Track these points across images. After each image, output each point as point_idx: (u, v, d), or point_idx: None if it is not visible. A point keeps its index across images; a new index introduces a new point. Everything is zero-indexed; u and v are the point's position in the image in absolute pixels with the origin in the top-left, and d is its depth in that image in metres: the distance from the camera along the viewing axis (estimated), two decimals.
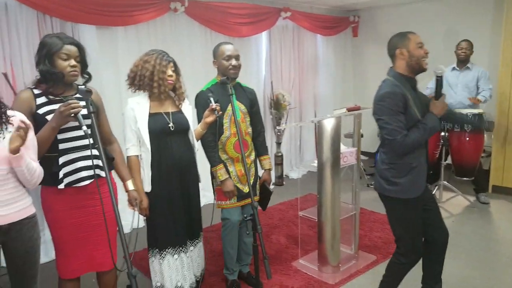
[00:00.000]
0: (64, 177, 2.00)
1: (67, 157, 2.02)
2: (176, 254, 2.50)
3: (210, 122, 2.46)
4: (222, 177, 2.66)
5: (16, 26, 3.37)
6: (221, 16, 4.70)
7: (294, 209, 4.54)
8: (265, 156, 2.96)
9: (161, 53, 2.37)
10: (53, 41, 1.98)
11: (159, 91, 2.34)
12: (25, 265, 1.85)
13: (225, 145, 2.72)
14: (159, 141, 2.38)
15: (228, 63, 2.67)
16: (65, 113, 1.83)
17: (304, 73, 6.09)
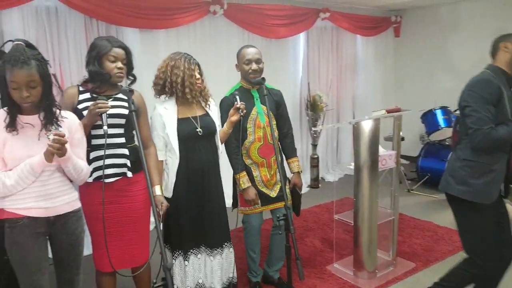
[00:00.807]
0: (93, 171, 2.09)
1: (98, 153, 2.10)
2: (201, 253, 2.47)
3: (235, 121, 2.42)
4: (244, 185, 2.63)
5: (65, 29, 3.55)
6: (258, 18, 4.72)
7: (329, 212, 4.48)
8: (293, 159, 2.89)
9: (187, 56, 2.34)
10: (103, 43, 2.09)
11: (191, 95, 2.33)
12: (69, 256, 1.94)
13: (249, 150, 2.70)
14: (187, 146, 2.36)
15: (248, 67, 2.64)
16: (92, 111, 1.94)
17: (342, 74, 6.01)
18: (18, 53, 1.68)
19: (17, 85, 1.67)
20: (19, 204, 1.78)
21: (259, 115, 2.68)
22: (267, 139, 2.69)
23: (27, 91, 1.69)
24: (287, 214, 2.07)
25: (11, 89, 1.69)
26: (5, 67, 1.68)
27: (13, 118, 1.74)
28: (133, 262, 2.28)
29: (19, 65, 1.66)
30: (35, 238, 1.82)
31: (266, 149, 2.70)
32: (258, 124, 2.68)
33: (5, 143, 1.73)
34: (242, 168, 2.66)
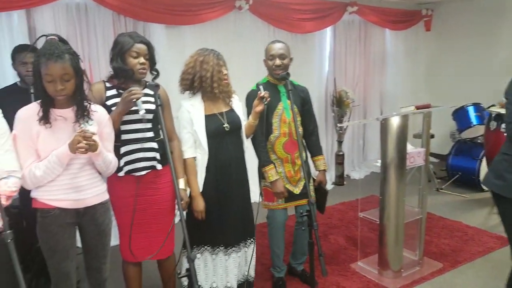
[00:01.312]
0: (124, 165, 2.13)
1: (128, 148, 2.14)
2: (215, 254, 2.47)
3: (260, 110, 2.39)
4: (273, 178, 2.62)
5: (94, 25, 3.63)
6: (284, 13, 4.68)
7: (354, 210, 4.41)
8: (319, 156, 2.87)
9: (215, 52, 2.35)
10: (125, 39, 2.11)
11: (219, 91, 2.32)
12: (97, 246, 2.01)
13: (274, 145, 2.69)
14: (215, 142, 2.37)
15: (271, 63, 2.63)
16: (127, 99, 1.97)
17: (370, 70, 5.89)
18: (52, 47, 1.73)
19: (51, 78, 1.72)
20: (50, 196, 1.84)
21: (285, 110, 2.67)
22: (292, 135, 2.68)
23: (61, 84, 1.74)
24: (311, 210, 2.05)
25: (45, 82, 1.73)
26: (40, 61, 1.72)
27: (46, 111, 1.79)
28: (159, 253, 2.31)
29: (53, 59, 1.70)
30: (65, 228, 1.88)
31: (291, 145, 2.69)
32: (283, 119, 2.67)
33: (38, 135, 1.78)
34: (269, 161, 2.66)
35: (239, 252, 2.50)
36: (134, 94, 1.97)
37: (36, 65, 1.74)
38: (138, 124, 2.14)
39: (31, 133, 1.78)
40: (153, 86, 1.87)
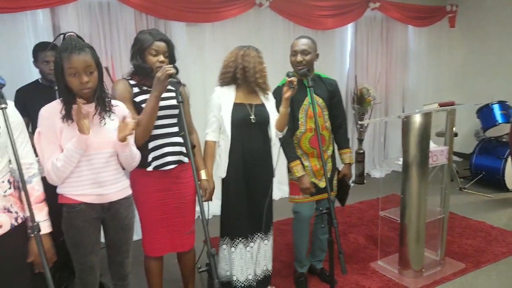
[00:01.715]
0: (152, 161, 2.16)
1: (156, 143, 2.17)
2: (247, 244, 2.52)
3: (289, 96, 2.37)
4: (299, 173, 2.63)
5: (117, 23, 3.69)
6: (305, 9, 4.66)
7: (374, 209, 4.36)
8: (345, 150, 2.86)
9: (254, 47, 2.43)
10: (145, 37, 2.13)
11: (262, 81, 2.41)
12: (120, 240, 2.03)
13: (300, 140, 2.69)
14: (240, 131, 2.42)
15: (293, 58, 2.63)
16: (162, 77, 1.95)
17: (392, 67, 5.80)
18: (73, 42, 1.76)
19: (75, 70, 1.74)
20: (76, 191, 1.87)
21: (311, 105, 2.65)
22: (319, 130, 2.66)
23: (86, 76, 1.76)
24: (330, 208, 2.04)
25: (69, 76, 1.75)
26: (62, 56, 1.74)
27: (68, 108, 1.81)
28: (180, 247, 2.35)
29: (76, 52, 1.73)
30: (90, 222, 1.91)
31: (317, 140, 2.67)
32: (309, 115, 2.66)
33: (61, 132, 1.81)
34: (295, 156, 2.66)
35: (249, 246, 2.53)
36: (168, 71, 1.96)
37: (58, 61, 1.76)
38: (165, 120, 2.17)
39: (55, 129, 1.80)
40: (175, 83, 1.88)
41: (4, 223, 1.65)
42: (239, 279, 2.53)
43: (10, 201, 1.69)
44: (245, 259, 2.53)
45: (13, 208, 1.70)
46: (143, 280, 2.44)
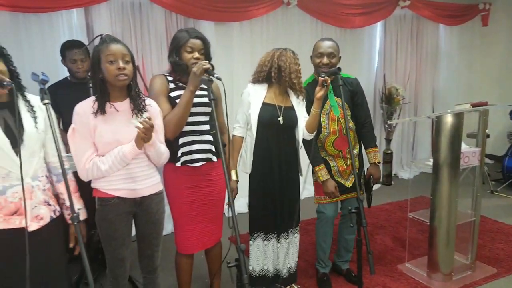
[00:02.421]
0: (181, 156, 2.19)
1: (186, 139, 2.20)
2: (267, 240, 2.54)
3: (321, 96, 2.37)
4: (323, 178, 2.61)
5: (147, 23, 3.76)
6: (333, 8, 4.62)
7: (402, 210, 4.29)
8: (370, 149, 2.79)
9: (291, 50, 2.45)
10: (181, 35, 2.18)
11: (297, 82, 2.42)
12: (151, 235, 2.08)
13: (324, 143, 2.68)
14: (266, 131, 2.44)
15: (318, 60, 2.59)
16: (198, 72, 1.99)
17: (422, 66, 5.68)
18: (110, 37, 1.85)
19: (113, 57, 1.80)
20: (110, 185, 1.93)
21: (333, 108, 2.64)
22: (342, 132, 2.65)
23: (123, 63, 1.81)
24: (359, 207, 2.02)
25: (106, 64, 1.80)
26: (100, 47, 1.82)
27: (102, 104, 1.86)
28: (209, 243, 2.39)
29: (114, 42, 1.82)
30: (122, 216, 1.97)
31: (342, 142, 2.66)
32: (332, 117, 2.64)
33: (95, 128, 1.86)
34: (320, 160, 2.65)
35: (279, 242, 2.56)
36: (204, 66, 1.99)
37: (95, 54, 1.83)
38: (196, 117, 2.20)
39: (89, 126, 1.85)
40: (206, 81, 1.91)
41: (44, 216, 1.73)
42: (269, 269, 2.57)
43: (48, 195, 1.77)
44: (275, 253, 2.56)
45: (51, 202, 1.78)
46: (169, 274, 2.49)
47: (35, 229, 1.70)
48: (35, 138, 1.68)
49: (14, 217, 1.65)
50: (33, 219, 1.70)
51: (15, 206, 1.65)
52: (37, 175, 1.73)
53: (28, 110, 1.71)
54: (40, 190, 1.72)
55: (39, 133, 1.71)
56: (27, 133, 1.66)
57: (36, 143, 1.69)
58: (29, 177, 1.69)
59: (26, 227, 1.64)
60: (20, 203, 1.65)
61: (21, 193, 1.64)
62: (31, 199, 1.69)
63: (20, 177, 1.61)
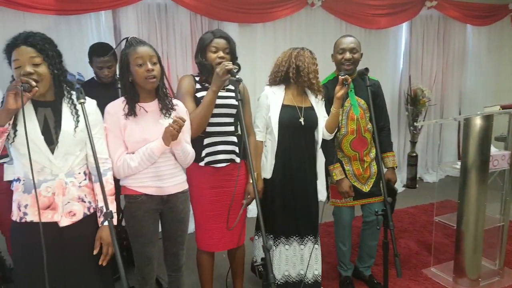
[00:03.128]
0: (205, 156, 2.22)
1: (211, 140, 2.22)
2: (288, 244, 2.51)
3: (341, 95, 2.35)
4: (337, 177, 2.58)
5: (173, 24, 3.82)
6: (358, 8, 4.59)
7: (427, 214, 4.21)
8: (388, 153, 2.76)
9: (309, 50, 2.43)
10: (206, 36, 2.21)
11: (315, 82, 2.39)
12: (176, 233, 2.11)
13: (341, 143, 2.65)
14: (287, 133, 2.41)
15: (340, 56, 2.56)
16: (221, 72, 1.99)
17: (448, 67, 5.57)
18: (136, 40, 1.89)
19: (141, 60, 1.84)
20: (138, 183, 1.97)
21: (353, 107, 2.61)
22: (360, 132, 2.62)
23: (151, 65, 1.86)
24: (387, 210, 2.00)
25: (135, 67, 1.85)
26: (127, 51, 1.86)
27: (132, 106, 1.91)
28: (232, 244, 2.39)
29: (141, 44, 1.87)
30: (149, 213, 2.00)
31: (359, 143, 2.63)
32: (351, 117, 2.61)
33: (125, 128, 1.92)
34: (336, 159, 2.62)
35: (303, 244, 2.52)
36: (227, 66, 1.99)
37: (123, 58, 1.87)
38: (222, 118, 2.22)
39: (119, 126, 1.91)
40: (234, 81, 1.92)
41: (77, 212, 1.77)
42: (276, 277, 2.50)
43: (85, 192, 1.80)
44: (283, 258, 2.53)
45: (87, 198, 1.81)
46: (192, 272, 2.51)
47: (67, 225, 1.73)
48: (70, 138, 1.72)
49: (47, 211, 1.70)
50: (65, 215, 1.73)
51: (48, 200, 1.70)
52: (73, 172, 1.76)
53: (70, 110, 1.75)
54: (74, 186, 1.76)
55: (77, 134, 1.74)
56: (63, 133, 1.70)
57: (72, 143, 1.73)
58: (63, 173, 1.73)
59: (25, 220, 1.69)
60: (53, 198, 1.71)
61: (54, 188, 1.70)
62: (64, 195, 1.73)
63: (53, 173, 1.68)
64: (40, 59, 1.63)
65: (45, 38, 1.68)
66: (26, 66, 1.60)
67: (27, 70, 1.59)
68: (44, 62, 1.64)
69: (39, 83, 1.61)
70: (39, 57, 1.62)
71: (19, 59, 1.61)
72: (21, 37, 1.62)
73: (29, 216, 1.69)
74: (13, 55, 1.62)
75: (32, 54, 1.61)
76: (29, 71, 1.60)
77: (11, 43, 1.62)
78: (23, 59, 1.60)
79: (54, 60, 1.67)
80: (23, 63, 1.61)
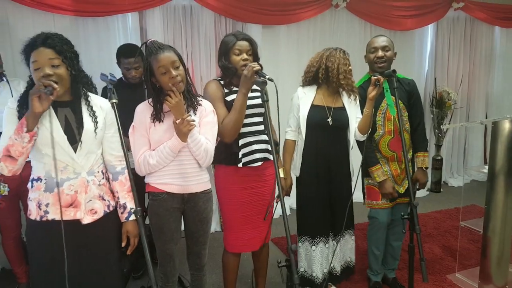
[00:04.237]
0: (242, 157, 2.23)
1: (245, 140, 2.24)
2: (315, 245, 2.53)
3: (373, 96, 2.34)
4: (380, 178, 2.56)
5: (198, 26, 3.85)
6: (383, 10, 4.54)
7: (452, 219, 4.12)
8: (420, 153, 2.72)
9: (342, 49, 2.44)
10: (228, 38, 2.23)
11: (346, 83, 2.39)
12: (198, 232, 2.14)
13: (378, 144, 2.63)
14: (315, 133, 2.44)
15: (373, 55, 2.55)
16: (249, 74, 2.01)
17: (475, 70, 5.44)
18: (155, 45, 1.92)
19: (164, 68, 1.87)
20: (161, 180, 2.01)
21: (389, 107, 2.58)
22: (397, 132, 2.58)
23: (175, 71, 1.89)
24: (413, 213, 1.98)
25: (160, 76, 1.89)
26: (150, 59, 1.90)
27: (158, 113, 1.95)
28: (259, 244, 2.40)
29: (160, 51, 1.88)
30: (172, 211, 2.04)
31: (397, 143, 2.60)
32: (388, 117, 2.59)
33: (150, 128, 1.97)
34: (376, 160, 2.60)
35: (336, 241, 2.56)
36: (254, 68, 2.01)
37: (146, 67, 1.91)
38: (254, 118, 2.24)
39: (146, 125, 1.97)
40: (260, 83, 1.93)
41: (98, 210, 1.81)
42: (318, 276, 2.56)
43: (103, 190, 1.84)
44: (324, 256, 2.56)
45: (106, 197, 1.85)
46: (213, 272, 2.53)
47: (89, 222, 1.77)
48: (92, 137, 1.76)
49: (69, 209, 1.73)
50: (87, 213, 1.77)
51: (71, 198, 1.73)
52: (93, 171, 1.80)
53: (88, 110, 1.78)
54: (95, 184, 1.80)
55: (96, 132, 1.78)
56: (86, 132, 1.74)
57: (93, 142, 1.77)
58: (85, 172, 1.76)
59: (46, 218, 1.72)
60: (76, 196, 1.73)
61: (76, 187, 1.73)
62: (86, 193, 1.76)
63: (76, 172, 1.72)
64: (59, 60, 1.64)
65: (63, 39, 1.70)
66: (46, 68, 1.61)
67: (46, 72, 1.60)
68: (63, 64, 1.65)
69: (58, 84, 1.62)
70: (58, 58, 1.63)
71: (38, 61, 1.61)
72: (40, 38, 1.63)
73: (50, 214, 1.71)
74: (32, 56, 1.63)
75: (51, 55, 1.62)
76: (49, 73, 1.61)
77: (30, 44, 1.64)
78: (43, 61, 1.61)
79: (72, 62, 1.69)
80: (42, 64, 1.61)
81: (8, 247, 2.74)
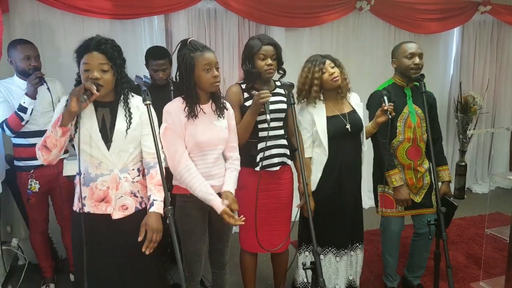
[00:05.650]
0: (260, 161, 2.25)
1: (264, 144, 2.25)
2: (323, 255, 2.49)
3: (382, 122, 2.37)
4: (397, 183, 2.52)
5: (221, 29, 3.89)
6: (408, 13, 4.49)
7: (476, 226, 4.04)
8: (444, 167, 2.71)
9: (314, 60, 2.41)
10: (254, 43, 2.24)
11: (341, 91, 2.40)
12: (223, 229, 2.17)
13: (396, 150, 2.59)
14: (335, 143, 2.40)
15: (410, 62, 2.50)
16: (257, 102, 2.08)
17: (502, 74, 5.32)
18: (199, 43, 1.96)
19: (209, 66, 1.92)
20: None
21: (411, 115, 2.56)
22: (416, 141, 2.56)
23: (217, 71, 1.95)
24: (440, 220, 1.96)
25: (202, 72, 1.91)
26: (193, 56, 1.91)
27: (193, 109, 1.97)
28: (275, 245, 2.40)
29: (207, 50, 1.93)
30: (201, 212, 2.07)
31: (415, 151, 2.58)
32: (408, 124, 2.56)
33: (186, 127, 1.98)
34: (394, 165, 2.56)
35: (339, 256, 2.51)
36: (263, 98, 2.06)
37: (188, 61, 1.92)
38: (272, 123, 2.24)
39: (181, 124, 1.97)
40: (287, 86, 1.95)
41: (129, 206, 1.87)
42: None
43: (138, 187, 1.91)
44: (334, 269, 2.52)
45: (139, 194, 1.91)
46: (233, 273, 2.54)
47: (119, 218, 1.84)
48: (122, 137, 1.82)
49: (102, 204, 1.83)
50: (118, 208, 1.84)
51: (103, 193, 1.82)
52: (127, 168, 1.87)
53: (124, 111, 1.85)
54: (128, 181, 1.86)
55: (127, 132, 1.83)
56: (116, 131, 1.82)
57: (124, 141, 1.83)
58: (117, 169, 1.84)
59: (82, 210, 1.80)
60: (108, 191, 1.82)
61: (108, 183, 1.82)
62: (117, 189, 1.84)
63: (109, 168, 1.81)
64: (108, 66, 1.74)
65: (115, 45, 1.81)
66: (95, 71, 1.72)
67: (95, 75, 1.71)
68: (111, 69, 1.76)
69: (103, 87, 1.73)
70: (108, 64, 1.74)
71: (90, 63, 1.72)
72: (94, 42, 1.73)
73: (86, 207, 1.82)
74: (84, 58, 1.73)
75: (102, 60, 1.73)
76: (97, 76, 1.72)
77: (84, 47, 1.74)
78: (93, 64, 1.72)
79: (120, 68, 1.79)
80: (92, 67, 1.72)
81: (36, 241, 2.86)
